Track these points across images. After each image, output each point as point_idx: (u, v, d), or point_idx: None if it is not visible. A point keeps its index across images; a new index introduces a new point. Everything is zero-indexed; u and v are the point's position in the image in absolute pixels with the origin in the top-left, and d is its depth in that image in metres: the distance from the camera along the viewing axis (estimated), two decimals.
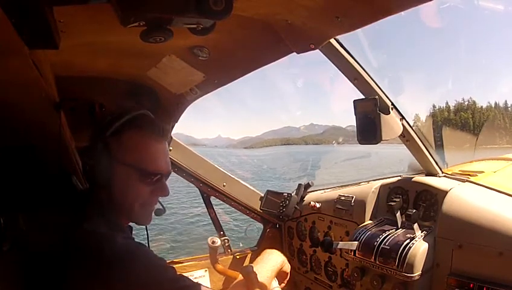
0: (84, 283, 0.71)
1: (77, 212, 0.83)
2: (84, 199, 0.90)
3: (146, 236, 1.09)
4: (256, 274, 0.99)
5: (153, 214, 0.95)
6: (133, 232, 0.96)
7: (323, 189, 1.88)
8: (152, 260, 0.76)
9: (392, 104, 1.24)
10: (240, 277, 1.04)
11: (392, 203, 1.29)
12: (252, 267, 1.02)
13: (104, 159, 0.80)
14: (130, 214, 0.86)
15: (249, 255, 1.94)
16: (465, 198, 1.20)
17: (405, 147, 1.40)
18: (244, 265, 1.75)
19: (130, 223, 0.94)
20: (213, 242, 1.54)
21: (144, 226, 1.00)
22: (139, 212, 0.86)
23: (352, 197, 1.57)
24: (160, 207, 1.00)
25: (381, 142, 1.16)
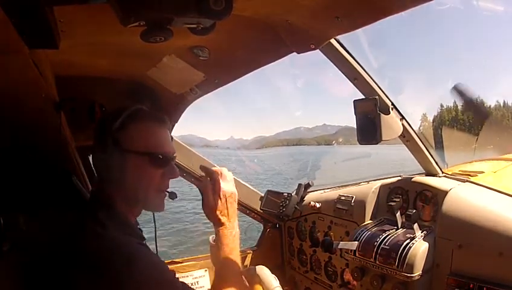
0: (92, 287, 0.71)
1: (85, 214, 0.83)
2: (91, 200, 0.90)
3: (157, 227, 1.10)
4: (259, 276, 1.00)
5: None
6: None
7: (323, 189, 1.88)
8: (163, 274, 0.78)
9: (392, 104, 1.24)
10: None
11: (392, 203, 1.29)
12: (255, 269, 1.03)
13: (115, 153, 0.82)
14: (146, 202, 0.88)
15: (249, 255, 1.94)
16: (465, 198, 1.19)
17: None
18: (245, 264, 1.74)
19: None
20: (214, 240, 1.54)
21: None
22: (154, 198, 0.89)
23: (352, 197, 1.57)
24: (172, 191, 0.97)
25: (381, 142, 1.16)
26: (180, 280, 0.83)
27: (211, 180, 0.96)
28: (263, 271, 1.07)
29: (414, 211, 1.20)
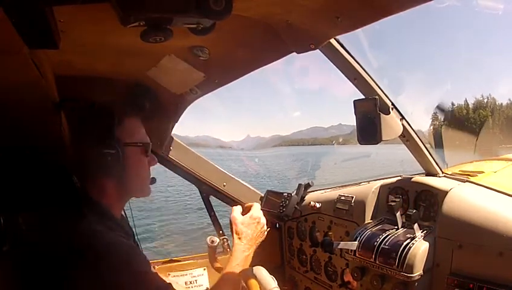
0: (78, 278, 0.73)
1: (74, 212, 0.85)
2: (80, 198, 0.91)
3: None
4: (256, 277, 1.00)
5: None
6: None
7: (323, 189, 1.88)
8: (140, 265, 0.81)
9: (392, 104, 1.24)
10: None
11: (392, 203, 1.28)
12: (252, 269, 1.03)
13: (115, 148, 0.88)
14: (139, 189, 0.98)
15: None
16: (465, 198, 1.19)
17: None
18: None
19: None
20: (212, 241, 1.55)
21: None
22: (146, 185, 1.00)
23: (352, 197, 1.57)
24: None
25: (381, 142, 1.16)
26: (179, 278, 0.85)
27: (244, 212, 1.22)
28: (261, 272, 1.07)
29: (414, 211, 1.20)
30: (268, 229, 2.01)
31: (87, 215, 0.83)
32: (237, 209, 1.22)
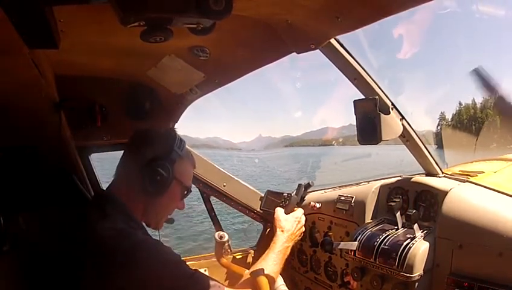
0: (104, 276, 0.75)
1: (96, 213, 0.87)
2: (104, 200, 0.93)
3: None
4: (265, 276, 1.02)
5: None
6: None
7: (323, 189, 1.88)
8: (168, 256, 0.84)
9: (392, 104, 1.23)
10: (246, 274, 1.06)
11: (392, 204, 1.28)
12: (263, 269, 1.05)
13: (166, 173, 0.91)
14: (157, 223, 1.00)
15: (250, 255, 1.94)
16: (465, 198, 1.19)
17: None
18: (251, 265, 1.77)
19: None
20: (220, 237, 1.56)
21: None
22: (162, 221, 1.02)
23: (352, 197, 1.56)
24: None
25: (381, 142, 1.16)
26: None
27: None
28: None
29: (414, 211, 1.20)
30: (268, 229, 2.02)
31: (112, 214, 0.85)
32: (280, 210, 1.40)
